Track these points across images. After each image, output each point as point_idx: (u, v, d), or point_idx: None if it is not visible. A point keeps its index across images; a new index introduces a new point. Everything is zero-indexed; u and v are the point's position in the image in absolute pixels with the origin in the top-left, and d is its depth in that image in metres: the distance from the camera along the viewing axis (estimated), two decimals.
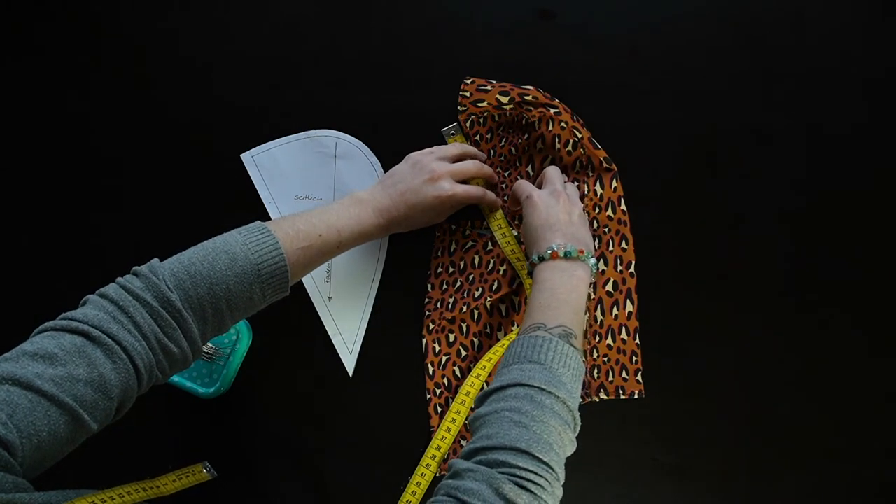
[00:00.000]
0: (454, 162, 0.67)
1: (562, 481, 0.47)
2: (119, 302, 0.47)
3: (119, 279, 0.49)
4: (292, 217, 0.58)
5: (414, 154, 0.67)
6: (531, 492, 0.43)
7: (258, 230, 0.54)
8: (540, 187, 0.66)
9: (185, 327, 0.49)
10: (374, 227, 0.63)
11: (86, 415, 0.43)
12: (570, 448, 0.49)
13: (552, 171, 0.66)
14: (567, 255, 0.58)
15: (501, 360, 0.54)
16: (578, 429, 0.50)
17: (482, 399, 0.51)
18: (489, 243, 0.71)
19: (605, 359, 0.69)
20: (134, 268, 0.50)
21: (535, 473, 0.44)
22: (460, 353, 0.71)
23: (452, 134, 0.72)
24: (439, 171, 0.64)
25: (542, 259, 0.59)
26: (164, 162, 0.75)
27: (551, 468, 0.45)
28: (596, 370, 0.69)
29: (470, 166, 0.67)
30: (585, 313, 0.69)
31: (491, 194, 0.69)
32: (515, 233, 0.70)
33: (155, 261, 0.51)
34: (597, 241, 0.70)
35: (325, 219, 0.59)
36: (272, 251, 0.53)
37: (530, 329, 0.54)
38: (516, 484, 0.43)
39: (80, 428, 0.43)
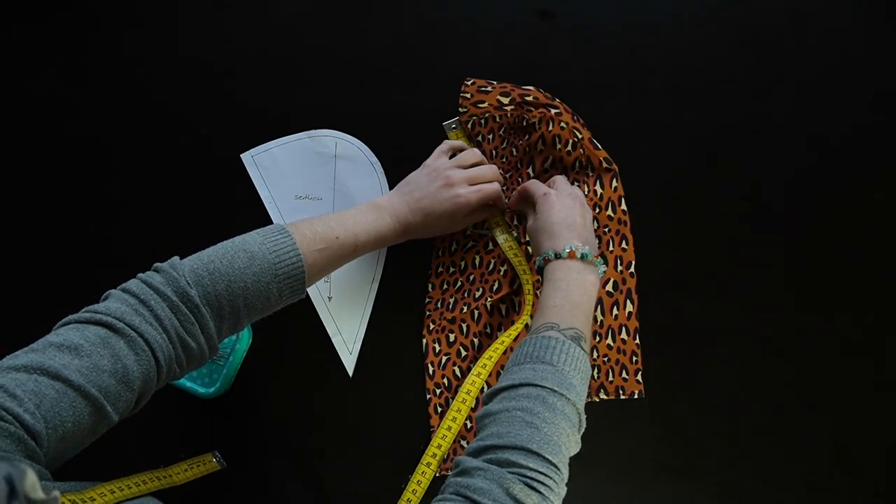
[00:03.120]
0: (469, 167, 0.67)
1: (566, 481, 0.47)
2: (140, 295, 0.47)
3: (140, 275, 0.50)
4: (310, 220, 0.59)
5: (430, 161, 0.67)
6: (540, 492, 0.44)
7: (277, 231, 0.55)
8: None
9: (202, 323, 0.49)
10: (390, 232, 0.63)
11: (109, 406, 0.44)
12: (575, 449, 0.50)
13: (562, 179, 0.66)
14: (583, 258, 0.58)
15: (512, 357, 0.54)
16: (583, 429, 0.51)
17: (492, 395, 0.51)
18: (490, 243, 0.71)
19: (605, 359, 0.69)
20: (155, 264, 0.51)
21: (544, 475, 0.44)
22: (460, 353, 0.71)
23: (453, 128, 0.72)
24: (455, 177, 0.64)
25: (558, 256, 0.59)
26: (164, 162, 0.75)
27: (559, 469, 0.46)
28: (596, 370, 0.69)
29: (486, 171, 0.67)
30: None
31: (503, 196, 0.69)
32: (515, 234, 0.70)
33: (175, 258, 0.51)
34: (597, 241, 0.70)
35: (342, 222, 0.60)
36: (289, 251, 0.54)
37: (543, 328, 0.54)
38: (526, 484, 0.44)
39: (102, 419, 0.44)
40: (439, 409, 0.70)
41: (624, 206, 0.71)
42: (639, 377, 0.69)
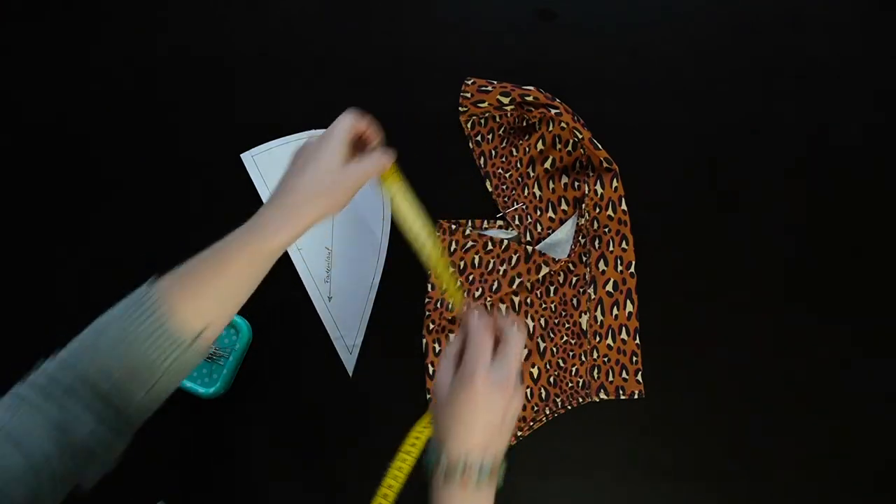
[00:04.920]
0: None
1: None
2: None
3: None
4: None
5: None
6: None
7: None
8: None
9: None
10: (267, 223, 0.53)
11: None
12: None
13: (516, 342, 0.48)
14: (479, 476, 0.45)
15: None
16: None
17: None
18: (489, 243, 0.71)
19: (605, 359, 0.69)
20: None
21: None
22: None
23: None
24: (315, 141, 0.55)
25: (448, 474, 0.46)
26: (164, 161, 0.75)
27: None
28: (596, 370, 0.69)
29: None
30: (586, 315, 0.69)
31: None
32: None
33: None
34: (597, 242, 0.70)
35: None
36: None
37: None
38: None
39: None
40: None
41: (624, 206, 0.71)
42: (639, 377, 0.69)
